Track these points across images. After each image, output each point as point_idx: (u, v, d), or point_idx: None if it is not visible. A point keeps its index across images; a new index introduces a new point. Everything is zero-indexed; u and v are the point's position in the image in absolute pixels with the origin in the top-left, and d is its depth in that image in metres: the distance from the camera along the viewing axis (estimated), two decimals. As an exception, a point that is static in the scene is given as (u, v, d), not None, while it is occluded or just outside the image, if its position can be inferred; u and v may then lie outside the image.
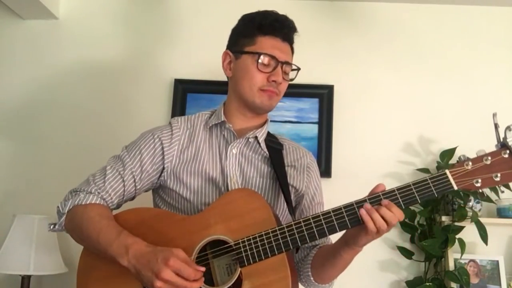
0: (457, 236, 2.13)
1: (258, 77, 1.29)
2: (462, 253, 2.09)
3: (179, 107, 2.44)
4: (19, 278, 2.12)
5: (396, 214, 1.07)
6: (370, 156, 2.39)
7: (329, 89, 2.44)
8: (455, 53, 2.47)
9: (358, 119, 2.44)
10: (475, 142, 2.24)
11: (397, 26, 2.51)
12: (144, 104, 2.48)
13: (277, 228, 1.13)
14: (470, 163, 1.08)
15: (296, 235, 1.12)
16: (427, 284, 2.13)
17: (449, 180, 1.08)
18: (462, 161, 1.09)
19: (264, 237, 1.13)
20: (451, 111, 2.42)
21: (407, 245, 2.29)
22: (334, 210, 1.12)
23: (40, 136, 2.49)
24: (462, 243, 2.10)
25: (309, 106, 2.44)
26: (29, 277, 2.12)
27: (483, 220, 2.10)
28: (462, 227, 2.14)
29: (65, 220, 1.26)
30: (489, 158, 1.07)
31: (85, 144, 2.44)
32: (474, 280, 2.16)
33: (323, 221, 1.11)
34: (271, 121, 1.45)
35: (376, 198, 1.11)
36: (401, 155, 2.40)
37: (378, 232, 1.09)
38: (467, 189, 1.09)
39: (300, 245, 1.13)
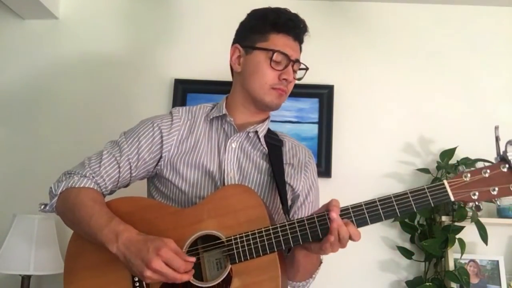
0: (457, 236, 2.13)
1: (270, 75, 1.28)
2: (462, 253, 2.09)
3: (179, 107, 2.43)
4: (19, 278, 2.13)
5: (350, 231, 1.07)
6: (370, 156, 2.39)
7: (329, 89, 2.43)
8: (455, 53, 2.47)
9: (358, 119, 2.44)
10: (475, 142, 2.26)
11: (397, 26, 2.51)
12: (144, 104, 2.47)
13: (270, 227, 1.12)
14: (469, 175, 1.08)
15: (289, 235, 1.11)
16: (427, 284, 2.13)
17: (446, 191, 1.07)
18: (460, 173, 1.09)
19: (257, 235, 1.12)
20: (451, 111, 2.41)
21: (407, 245, 2.29)
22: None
23: (40, 136, 2.49)
24: (462, 243, 2.10)
25: (309, 106, 2.44)
26: (29, 277, 2.12)
27: (483, 220, 2.10)
28: (462, 227, 2.14)
29: (56, 201, 1.25)
30: (488, 171, 1.07)
31: (86, 144, 2.42)
32: (474, 280, 2.16)
33: (317, 223, 1.10)
34: (271, 121, 1.44)
35: (372, 205, 1.10)
36: (401, 155, 2.40)
37: (332, 248, 1.08)
38: (463, 201, 1.08)
39: (292, 245, 1.12)
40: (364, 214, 1.10)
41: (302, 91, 2.41)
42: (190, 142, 1.32)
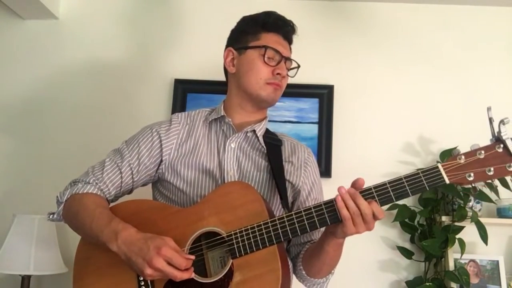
0: (457, 236, 2.13)
1: (264, 70, 1.32)
2: (462, 253, 2.09)
3: (179, 107, 2.44)
4: (19, 278, 2.13)
5: (374, 209, 1.07)
6: (370, 156, 2.39)
7: (329, 89, 2.44)
8: (455, 53, 2.47)
9: (358, 119, 2.44)
10: (475, 142, 2.25)
11: (397, 26, 2.52)
12: (145, 104, 2.48)
13: (269, 220, 1.14)
14: (463, 157, 1.07)
15: (288, 228, 1.13)
16: (427, 284, 2.13)
17: (440, 174, 1.07)
18: (455, 155, 1.08)
19: (256, 229, 1.14)
20: (451, 111, 2.42)
21: (407, 245, 2.29)
22: (325, 203, 1.13)
23: (40, 136, 2.49)
24: (462, 243, 2.10)
25: (309, 106, 2.44)
26: (29, 277, 2.12)
27: (483, 220, 2.10)
28: (462, 227, 2.14)
29: (63, 209, 1.29)
30: (483, 152, 1.06)
31: (86, 144, 2.44)
32: (474, 280, 2.16)
33: (314, 214, 1.12)
34: (270, 121, 1.46)
35: (368, 192, 1.10)
36: (401, 155, 2.40)
37: (355, 224, 1.08)
38: (459, 183, 1.07)
39: (291, 237, 1.14)
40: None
41: (302, 91, 2.41)
42: (190, 145, 1.35)
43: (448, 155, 2.23)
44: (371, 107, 2.45)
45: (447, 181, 1.07)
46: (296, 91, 2.39)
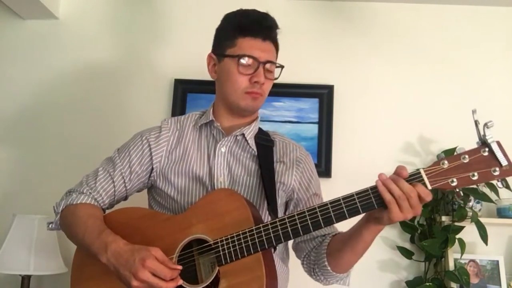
0: (457, 236, 2.13)
1: (241, 80, 1.29)
2: (462, 253, 2.09)
3: (179, 107, 2.44)
4: (19, 278, 2.13)
5: (419, 191, 1.03)
6: (370, 156, 2.38)
7: (329, 89, 2.43)
8: (455, 53, 2.47)
9: (358, 119, 2.44)
10: (475, 142, 2.25)
11: (397, 26, 2.51)
12: (145, 105, 2.48)
13: (253, 227, 1.14)
14: (446, 161, 1.04)
15: (272, 235, 1.12)
16: (427, 284, 2.13)
17: (423, 179, 1.05)
18: (438, 160, 1.05)
19: (241, 236, 1.14)
20: (451, 111, 2.41)
21: (407, 245, 2.29)
22: (309, 210, 1.12)
23: (40, 136, 2.49)
24: (462, 243, 2.11)
25: (309, 106, 2.44)
26: (29, 277, 2.12)
27: (483, 220, 2.10)
28: (462, 227, 2.14)
29: (59, 219, 1.32)
30: (467, 156, 1.03)
31: (85, 144, 2.44)
32: (474, 280, 2.16)
33: (297, 221, 1.11)
34: (271, 121, 1.44)
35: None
36: (401, 155, 2.40)
37: (401, 209, 1.03)
38: (442, 188, 1.04)
39: (275, 244, 1.14)
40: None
41: (302, 91, 2.41)
42: (180, 151, 1.35)
43: (448, 155, 2.22)
44: (371, 107, 2.45)
45: (429, 187, 1.04)
46: (296, 91, 2.39)
